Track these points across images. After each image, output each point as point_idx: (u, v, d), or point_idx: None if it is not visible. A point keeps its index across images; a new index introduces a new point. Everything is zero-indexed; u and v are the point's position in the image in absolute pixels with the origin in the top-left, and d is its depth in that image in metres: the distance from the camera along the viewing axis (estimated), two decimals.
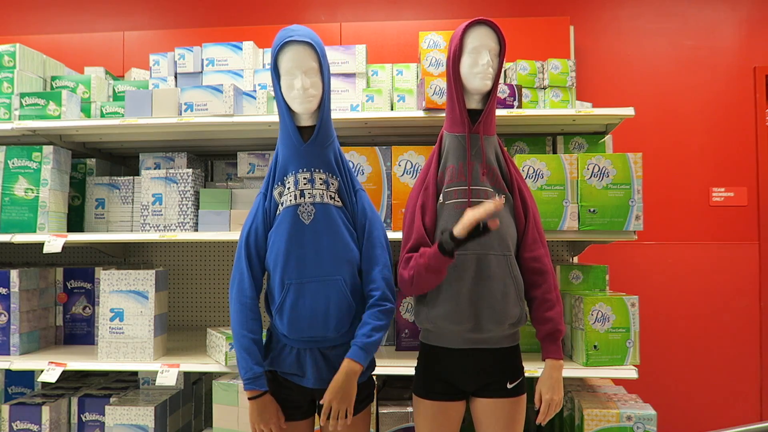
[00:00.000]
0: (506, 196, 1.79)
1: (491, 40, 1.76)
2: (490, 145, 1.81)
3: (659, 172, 3.34)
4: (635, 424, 2.16)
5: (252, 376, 1.67)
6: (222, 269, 3.04)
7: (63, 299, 2.68)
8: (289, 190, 1.72)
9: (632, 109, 2.30)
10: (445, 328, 1.75)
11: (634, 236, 2.23)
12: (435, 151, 1.86)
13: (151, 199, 2.48)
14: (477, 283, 1.71)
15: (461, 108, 1.78)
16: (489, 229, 1.62)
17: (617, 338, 2.20)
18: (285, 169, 1.74)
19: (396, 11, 3.50)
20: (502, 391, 1.75)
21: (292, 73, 1.68)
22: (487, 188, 1.77)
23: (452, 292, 1.72)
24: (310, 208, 1.71)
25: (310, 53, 1.69)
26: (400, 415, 2.23)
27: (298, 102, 1.69)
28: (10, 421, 2.41)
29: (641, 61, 3.39)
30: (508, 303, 1.73)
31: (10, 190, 2.47)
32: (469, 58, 1.76)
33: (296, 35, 1.68)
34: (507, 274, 1.73)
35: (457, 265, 1.71)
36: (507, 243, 1.75)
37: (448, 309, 1.72)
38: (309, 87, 1.68)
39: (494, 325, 1.72)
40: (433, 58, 2.43)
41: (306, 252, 1.69)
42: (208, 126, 2.45)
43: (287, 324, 1.70)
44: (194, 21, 3.57)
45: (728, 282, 3.29)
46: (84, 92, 2.74)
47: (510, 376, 1.77)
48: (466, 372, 1.76)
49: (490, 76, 1.75)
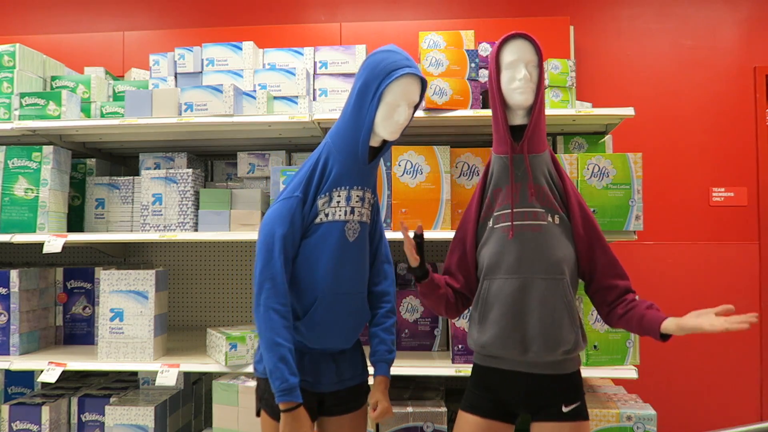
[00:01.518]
0: (560, 216, 1.71)
1: (527, 53, 1.69)
2: (540, 163, 1.73)
3: (659, 172, 3.34)
4: (635, 424, 2.16)
5: (287, 387, 1.58)
6: (222, 269, 3.04)
7: (63, 299, 2.68)
8: (339, 205, 1.69)
9: (632, 109, 2.30)
10: (494, 352, 1.70)
11: (634, 236, 2.23)
12: (482, 175, 1.82)
13: (151, 199, 2.48)
14: (523, 308, 1.65)
15: (504, 125, 1.71)
16: (420, 235, 1.66)
17: (617, 338, 2.20)
18: (337, 182, 1.68)
19: (396, 11, 3.50)
20: (558, 415, 1.67)
21: (398, 104, 1.65)
22: (537, 209, 1.70)
23: (499, 317, 1.67)
24: (356, 227, 1.71)
25: (417, 88, 1.68)
26: (400, 415, 2.23)
27: (391, 131, 1.67)
28: (9, 421, 2.41)
29: (641, 61, 3.39)
30: (561, 330, 1.65)
31: (10, 190, 2.47)
32: (506, 73, 1.70)
33: (413, 67, 1.64)
34: (560, 299, 1.65)
35: (504, 290, 1.67)
36: (560, 266, 1.66)
37: (493, 334, 1.67)
38: (407, 119, 1.68)
39: (544, 351, 1.65)
40: (433, 58, 2.43)
41: (345, 268, 1.70)
42: (208, 126, 2.45)
43: (315, 336, 1.69)
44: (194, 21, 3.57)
45: (728, 282, 3.29)
46: (84, 92, 2.74)
47: (565, 399, 1.69)
48: (516, 393, 1.71)
49: (530, 89, 1.68)
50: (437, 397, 2.43)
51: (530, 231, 1.68)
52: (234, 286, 3.04)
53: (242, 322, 3.01)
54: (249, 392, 2.25)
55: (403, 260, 2.78)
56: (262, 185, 2.66)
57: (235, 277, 3.04)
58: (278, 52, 2.72)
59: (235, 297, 3.04)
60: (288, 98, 2.62)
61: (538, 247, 1.66)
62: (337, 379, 1.75)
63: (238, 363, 2.27)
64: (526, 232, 1.68)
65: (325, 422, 1.79)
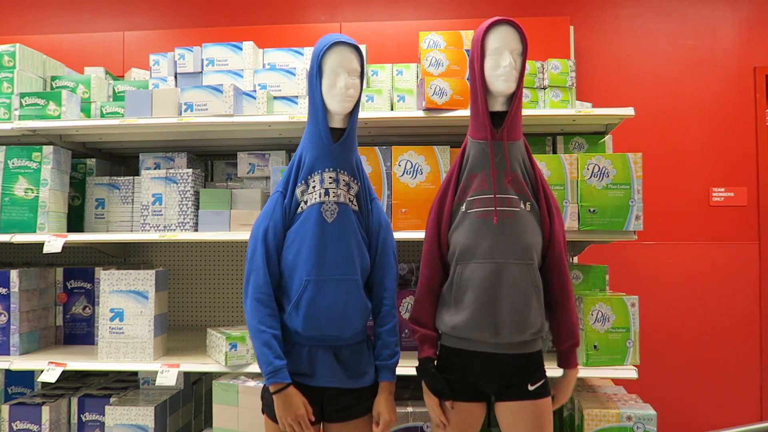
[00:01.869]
0: (531, 203, 1.75)
1: (513, 40, 1.71)
2: (516, 150, 1.76)
3: (659, 172, 3.34)
4: (635, 424, 2.16)
5: (273, 369, 1.65)
6: (222, 269, 3.05)
7: (63, 299, 2.68)
8: (314, 189, 1.74)
9: (632, 109, 2.30)
10: (466, 335, 1.74)
11: (634, 236, 2.23)
12: (457, 159, 1.82)
13: (151, 199, 2.48)
14: (497, 291, 1.69)
15: (484, 111, 1.73)
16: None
17: (617, 338, 2.20)
18: (311, 169, 1.76)
19: (396, 11, 3.50)
20: (524, 394, 1.73)
21: (336, 72, 1.72)
22: (512, 196, 1.73)
23: (473, 300, 1.70)
24: (333, 207, 1.73)
25: (355, 56, 1.75)
26: (400, 415, 2.23)
27: (338, 100, 1.72)
28: (10, 421, 2.41)
29: (641, 61, 3.39)
30: (530, 313, 1.70)
31: (10, 190, 2.47)
32: (491, 59, 1.71)
33: (344, 38, 1.75)
34: (529, 284, 1.70)
35: (478, 274, 1.70)
36: (530, 252, 1.71)
37: (468, 317, 1.71)
38: (350, 87, 1.73)
39: (515, 334, 1.70)
40: (433, 58, 2.43)
41: (327, 250, 1.71)
42: (208, 126, 2.46)
43: (303, 320, 1.70)
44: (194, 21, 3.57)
45: (728, 282, 3.29)
46: (84, 92, 2.74)
47: (531, 378, 1.74)
48: (486, 375, 1.74)
49: (513, 77, 1.71)
50: None
51: (505, 217, 1.71)
52: (234, 286, 3.04)
53: (242, 322, 3.02)
54: (249, 392, 2.25)
55: (403, 260, 2.78)
56: (262, 185, 2.66)
57: (235, 277, 3.04)
58: (278, 52, 2.72)
59: (235, 297, 3.04)
60: (288, 98, 2.62)
61: (512, 233, 1.71)
62: (335, 375, 1.72)
63: (238, 363, 2.27)
64: (504, 218, 1.71)
65: (327, 429, 1.78)
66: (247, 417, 2.25)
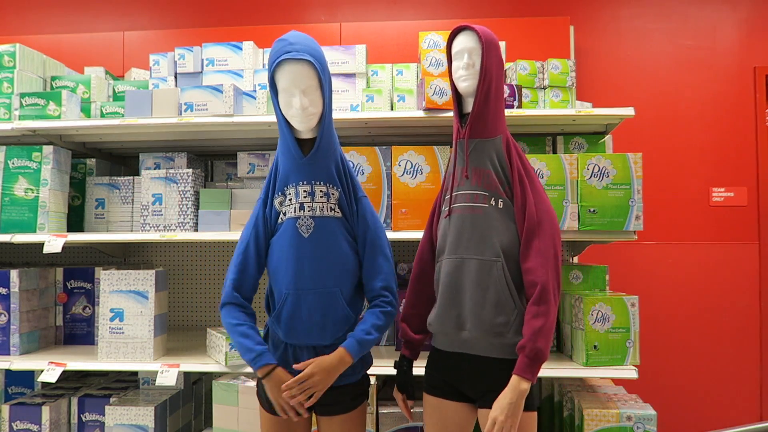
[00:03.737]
0: (504, 200, 1.72)
1: (469, 42, 1.76)
2: (488, 147, 1.75)
3: (659, 172, 3.34)
4: (635, 424, 2.16)
5: (256, 354, 1.66)
6: (222, 269, 3.04)
7: (63, 299, 2.68)
8: (291, 202, 1.73)
9: (632, 109, 2.30)
10: (435, 329, 1.80)
11: (634, 236, 2.23)
12: (451, 157, 1.89)
13: (151, 199, 2.48)
14: (458, 287, 1.72)
15: (455, 112, 1.82)
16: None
17: (617, 338, 2.20)
18: (285, 180, 1.74)
19: (396, 11, 3.50)
20: None
21: (290, 91, 1.64)
22: (480, 192, 1.72)
23: (441, 294, 1.76)
24: (309, 222, 1.71)
25: (308, 71, 1.63)
26: (400, 415, 2.23)
27: (297, 121, 1.67)
28: (10, 421, 2.41)
29: (641, 61, 3.39)
30: (490, 310, 1.66)
31: (10, 190, 2.47)
32: (454, 64, 1.80)
33: (293, 51, 1.62)
34: (493, 281, 1.67)
35: (444, 270, 1.75)
36: (495, 249, 1.68)
37: (436, 312, 1.78)
38: (308, 106, 1.65)
39: (478, 332, 1.68)
40: (433, 58, 2.43)
41: (304, 264, 1.70)
42: (208, 126, 2.45)
43: (284, 331, 1.73)
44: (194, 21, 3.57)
45: (728, 282, 3.29)
46: (84, 92, 2.74)
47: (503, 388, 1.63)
48: (459, 374, 1.76)
49: (471, 76, 1.74)
50: None
51: (470, 213, 1.73)
52: None
53: None
54: (249, 392, 2.25)
55: (403, 260, 2.78)
56: (262, 185, 2.66)
57: None
58: None
59: None
60: None
61: (475, 229, 1.71)
62: None
63: (238, 363, 2.27)
64: (465, 214, 1.74)
65: (320, 422, 1.79)
66: (247, 417, 2.25)
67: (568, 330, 2.38)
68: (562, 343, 2.45)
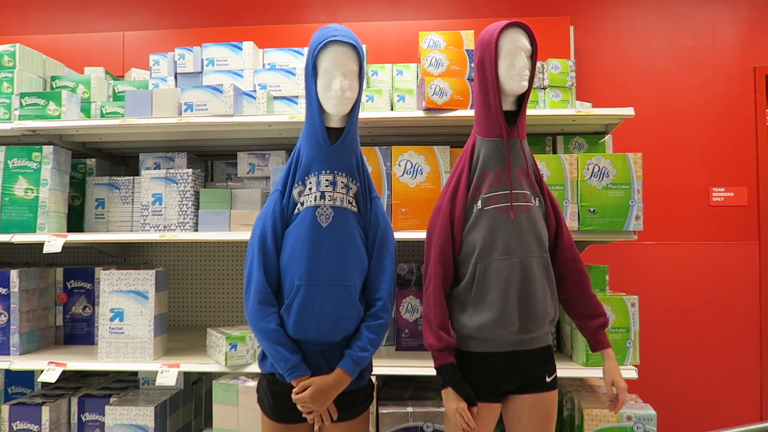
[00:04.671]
0: (539, 198, 1.82)
1: (526, 42, 1.77)
2: (525, 147, 1.82)
3: (659, 172, 3.34)
4: (635, 424, 2.16)
5: (293, 364, 1.64)
6: (222, 269, 3.04)
7: (63, 299, 2.68)
8: (311, 191, 1.70)
9: (632, 109, 2.30)
10: (492, 333, 1.74)
11: (634, 236, 2.23)
12: (466, 158, 1.83)
13: (151, 199, 2.48)
14: (522, 286, 1.73)
15: (498, 110, 1.76)
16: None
17: (617, 338, 2.20)
18: (307, 169, 1.72)
19: (396, 11, 3.50)
20: (541, 386, 1.78)
21: (332, 73, 1.66)
22: (526, 191, 1.78)
23: (499, 297, 1.71)
24: (329, 212, 1.69)
25: (352, 55, 1.67)
26: (400, 415, 2.23)
27: (333, 104, 1.67)
28: (10, 421, 2.41)
29: (641, 61, 3.39)
30: (547, 303, 1.76)
31: (10, 190, 2.47)
32: (505, 60, 1.74)
33: (340, 35, 1.66)
34: (545, 276, 1.77)
35: (502, 271, 1.72)
36: (544, 245, 1.78)
37: (495, 314, 1.71)
38: (347, 89, 1.66)
39: (537, 325, 1.75)
40: (433, 58, 2.43)
41: (320, 255, 1.67)
42: (208, 126, 2.46)
43: (293, 324, 1.68)
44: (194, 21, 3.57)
45: (728, 282, 3.29)
46: (84, 92, 2.74)
47: (548, 370, 1.80)
48: (510, 373, 1.76)
49: (526, 77, 1.76)
50: (437, 397, 2.43)
51: (523, 212, 1.75)
52: (234, 286, 3.04)
53: (242, 322, 3.01)
54: (249, 392, 2.25)
55: (403, 260, 2.77)
56: (262, 185, 2.66)
57: (235, 277, 3.04)
58: (278, 52, 2.72)
59: (235, 297, 3.04)
60: (288, 98, 2.62)
61: (529, 228, 1.76)
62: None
63: (238, 363, 2.27)
64: (520, 213, 1.75)
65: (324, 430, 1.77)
66: (247, 417, 2.25)
67: (568, 330, 2.38)
68: (562, 343, 2.45)
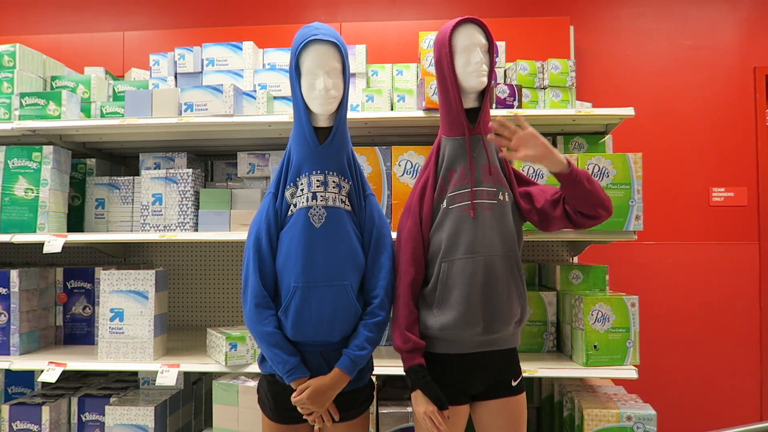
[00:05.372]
0: (508, 192, 1.78)
1: (480, 37, 1.76)
2: (491, 143, 1.80)
3: (659, 172, 3.34)
4: (635, 424, 2.16)
5: (291, 367, 1.64)
6: (222, 269, 3.05)
7: (63, 299, 2.68)
8: (302, 192, 1.69)
9: (632, 109, 2.30)
10: (456, 334, 1.72)
11: (634, 236, 2.23)
12: (432, 158, 1.83)
13: (151, 199, 2.48)
14: (486, 285, 1.71)
15: (459, 108, 1.76)
16: None
17: (617, 338, 2.20)
18: (298, 170, 1.71)
19: (396, 11, 3.50)
20: (508, 390, 1.76)
21: (315, 73, 1.65)
22: (491, 188, 1.75)
23: (463, 297, 1.70)
24: (321, 212, 1.69)
25: (334, 53, 1.67)
26: (400, 415, 2.23)
27: (318, 103, 1.66)
28: (10, 421, 2.41)
29: (641, 61, 3.39)
30: (512, 303, 1.73)
31: (10, 190, 2.47)
32: (461, 57, 1.74)
33: (320, 34, 1.65)
34: (510, 274, 1.74)
35: (466, 270, 1.70)
36: (509, 243, 1.75)
37: (458, 314, 1.70)
38: (331, 88, 1.66)
39: (502, 325, 1.73)
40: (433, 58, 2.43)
41: (315, 256, 1.67)
42: (208, 126, 2.46)
43: (291, 326, 1.67)
44: (194, 21, 3.57)
45: (728, 282, 3.29)
46: (84, 92, 2.74)
47: (513, 374, 1.79)
48: (475, 375, 1.75)
49: (484, 72, 1.74)
50: None
51: (486, 210, 1.73)
52: (234, 286, 3.04)
53: (242, 322, 3.01)
54: (249, 392, 2.25)
55: None
56: (262, 185, 2.66)
57: (235, 277, 3.04)
58: (278, 52, 2.72)
59: (235, 297, 3.04)
60: (288, 98, 2.62)
61: (493, 225, 1.73)
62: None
63: (238, 363, 2.27)
64: (483, 211, 1.73)
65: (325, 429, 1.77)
66: (247, 417, 2.25)
67: (568, 330, 2.38)
68: (562, 343, 2.45)
